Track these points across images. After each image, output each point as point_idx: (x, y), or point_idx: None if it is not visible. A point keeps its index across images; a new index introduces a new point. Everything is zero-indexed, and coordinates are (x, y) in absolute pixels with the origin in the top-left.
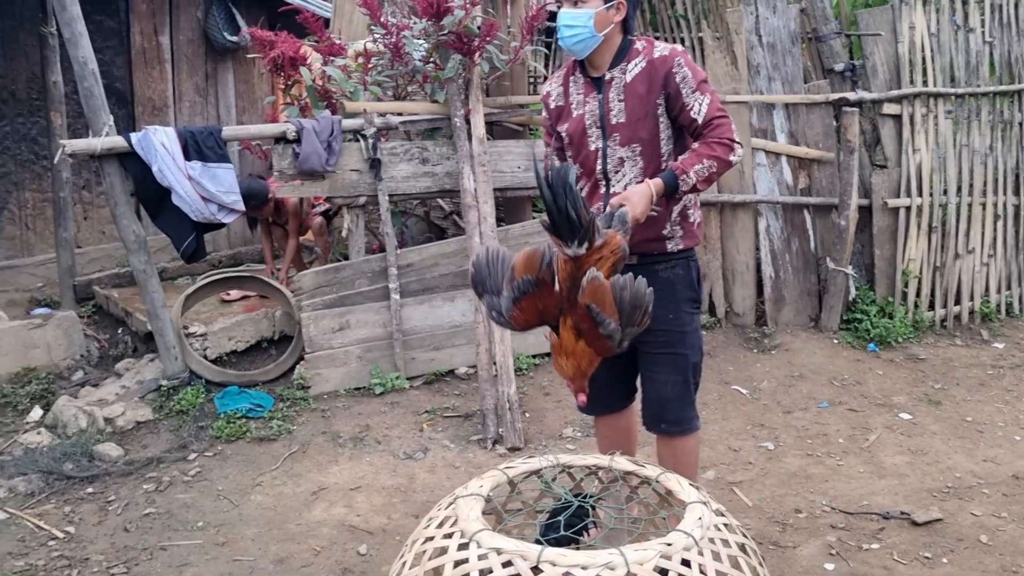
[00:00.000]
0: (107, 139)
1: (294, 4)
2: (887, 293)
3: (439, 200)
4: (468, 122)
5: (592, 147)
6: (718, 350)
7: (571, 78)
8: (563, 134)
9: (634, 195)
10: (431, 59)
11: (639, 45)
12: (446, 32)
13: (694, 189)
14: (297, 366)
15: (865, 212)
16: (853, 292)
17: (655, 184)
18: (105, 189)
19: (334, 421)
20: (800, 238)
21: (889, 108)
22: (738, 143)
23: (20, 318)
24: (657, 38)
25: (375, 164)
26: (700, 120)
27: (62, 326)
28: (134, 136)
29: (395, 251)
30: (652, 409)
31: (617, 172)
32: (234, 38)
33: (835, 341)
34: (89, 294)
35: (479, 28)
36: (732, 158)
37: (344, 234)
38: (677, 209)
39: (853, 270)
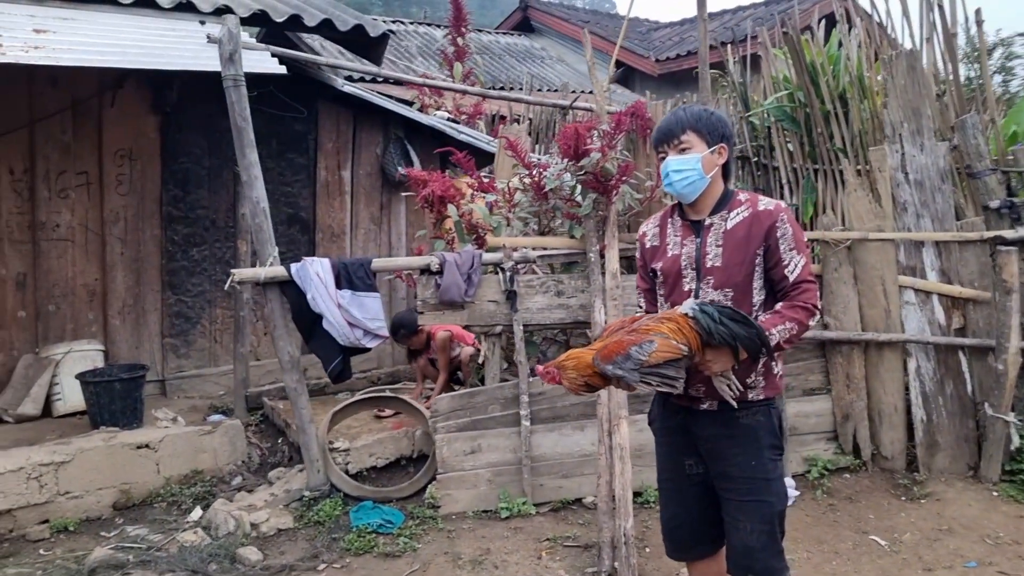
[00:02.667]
0: (270, 269)
1: (459, 143)
2: None
3: (582, 329)
4: (603, 256)
5: (686, 288)
6: (860, 495)
7: (669, 220)
8: (658, 271)
9: (720, 355)
10: (572, 196)
11: (742, 196)
12: (584, 172)
13: (777, 348)
14: (429, 486)
15: None
16: (1017, 441)
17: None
18: (266, 313)
19: (458, 542)
20: (955, 381)
21: None
22: (819, 309)
23: (197, 423)
24: (816, 171)
25: (511, 296)
26: (791, 279)
27: (227, 434)
28: (293, 266)
29: (527, 379)
30: (738, 559)
31: None
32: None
33: (994, 493)
34: (259, 404)
35: (616, 169)
36: (811, 323)
37: (480, 361)
38: (762, 360)
39: (1015, 417)
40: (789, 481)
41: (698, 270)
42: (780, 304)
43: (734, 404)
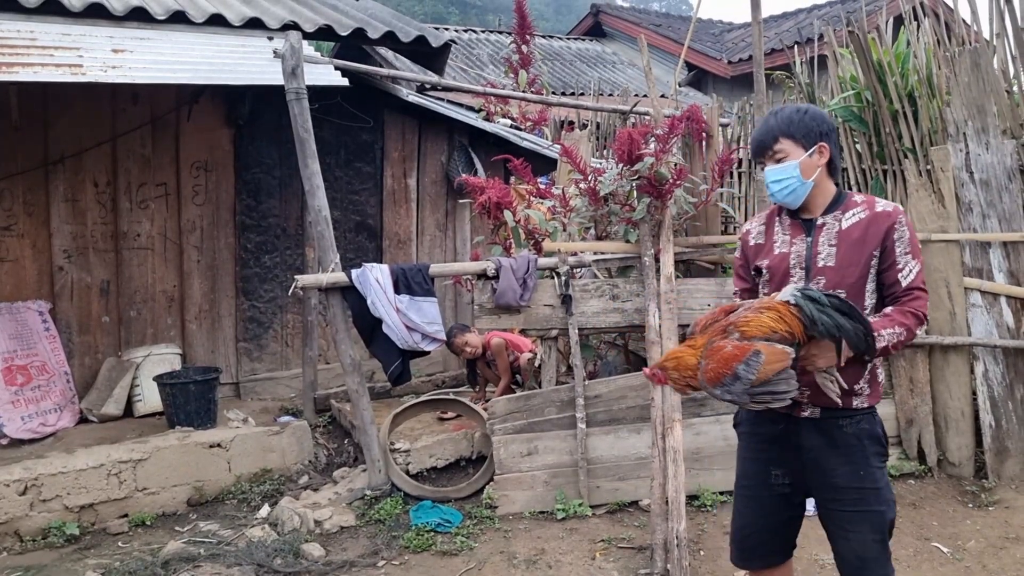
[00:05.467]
0: (331, 275)
1: (522, 150)
2: None
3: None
4: (658, 261)
5: None
6: (925, 502)
7: (776, 218)
8: (763, 268)
9: (824, 347)
10: (628, 201)
11: (858, 198)
12: (638, 176)
13: (884, 352)
14: (487, 486)
15: None
16: None
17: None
18: (328, 317)
19: (513, 542)
20: None
21: None
22: (927, 319)
23: (267, 424)
24: (885, 171)
25: (567, 300)
26: (904, 284)
27: (295, 434)
28: (354, 272)
29: (583, 382)
30: (851, 571)
31: None
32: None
33: None
34: (327, 406)
35: (671, 173)
36: (919, 332)
37: (537, 364)
38: (869, 367)
39: None
40: None
41: (808, 269)
42: (890, 308)
43: (838, 402)
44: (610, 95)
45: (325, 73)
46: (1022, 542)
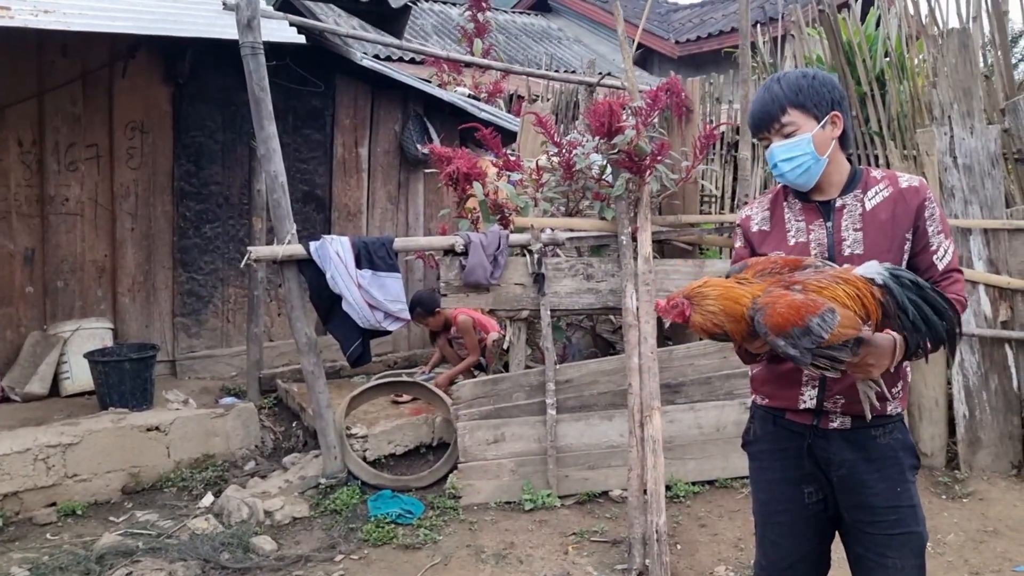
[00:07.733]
0: (288, 247)
1: (481, 120)
2: None
3: (610, 315)
4: (635, 240)
5: None
6: None
7: (785, 202)
8: None
9: (883, 353)
10: (603, 176)
11: (876, 173)
12: (616, 151)
13: (934, 349)
14: (450, 475)
15: None
16: None
17: (900, 340)
18: (283, 293)
19: (480, 535)
20: (1000, 375)
21: None
22: (967, 305)
23: (208, 406)
24: (849, 156)
25: (539, 279)
26: (940, 268)
27: (240, 417)
28: (312, 244)
29: (554, 366)
30: None
31: None
32: (425, 150)
33: None
34: (273, 386)
35: (650, 147)
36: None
37: (505, 346)
38: (903, 368)
39: None
40: None
41: (832, 259)
42: None
43: (868, 416)
44: (556, 71)
45: (279, 29)
46: (1001, 536)
